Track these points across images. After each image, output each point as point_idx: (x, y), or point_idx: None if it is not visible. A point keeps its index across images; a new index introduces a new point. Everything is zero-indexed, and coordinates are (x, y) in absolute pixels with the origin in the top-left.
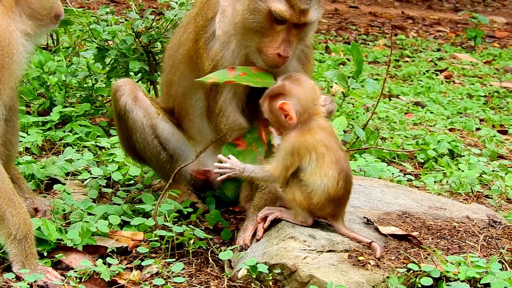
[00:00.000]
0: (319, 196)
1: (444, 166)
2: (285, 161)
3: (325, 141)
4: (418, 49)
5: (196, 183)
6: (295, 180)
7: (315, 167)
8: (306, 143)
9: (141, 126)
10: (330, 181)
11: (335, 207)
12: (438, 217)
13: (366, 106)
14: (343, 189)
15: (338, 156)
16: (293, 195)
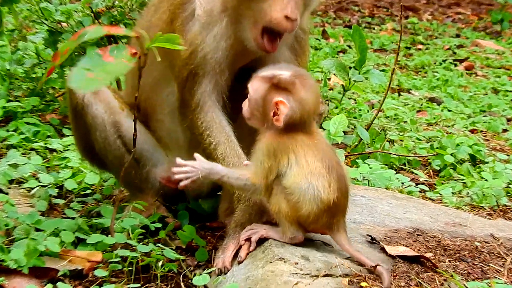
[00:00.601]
0: (308, 204)
1: (464, 174)
2: (263, 164)
3: (306, 140)
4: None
5: (166, 193)
6: (280, 188)
7: (297, 170)
8: (283, 144)
9: (101, 123)
10: (319, 182)
11: (331, 216)
12: (456, 235)
13: (371, 102)
14: (338, 192)
15: (324, 154)
16: (278, 206)
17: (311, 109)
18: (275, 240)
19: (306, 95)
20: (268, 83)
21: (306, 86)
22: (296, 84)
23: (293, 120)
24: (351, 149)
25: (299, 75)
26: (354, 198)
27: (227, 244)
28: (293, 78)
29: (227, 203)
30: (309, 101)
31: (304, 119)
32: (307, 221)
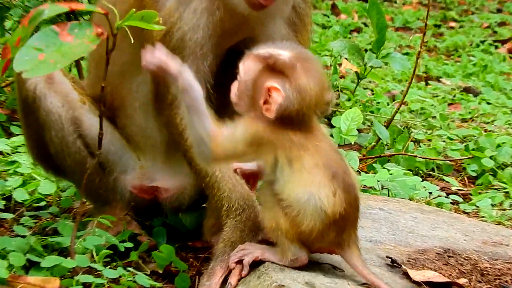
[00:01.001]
0: (310, 219)
1: (506, 182)
2: (237, 143)
3: (303, 140)
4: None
5: (139, 205)
6: (275, 199)
7: (292, 176)
8: (271, 138)
9: (57, 120)
10: (321, 192)
11: (339, 232)
12: (496, 256)
13: (392, 94)
14: (345, 203)
15: (327, 158)
16: (276, 222)
17: (312, 102)
18: (273, 263)
19: (308, 83)
20: (262, 63)
21: (308, 72)
22: (296, 68)
23: (288, 112)
24: (367, 151)
25: (302, 58)
26: (371, 212)
27: (214, 268)
28: (293, 60)
29: (213, 218)
30: (311, 91)
31: (302, 113)
32: (310, 238)
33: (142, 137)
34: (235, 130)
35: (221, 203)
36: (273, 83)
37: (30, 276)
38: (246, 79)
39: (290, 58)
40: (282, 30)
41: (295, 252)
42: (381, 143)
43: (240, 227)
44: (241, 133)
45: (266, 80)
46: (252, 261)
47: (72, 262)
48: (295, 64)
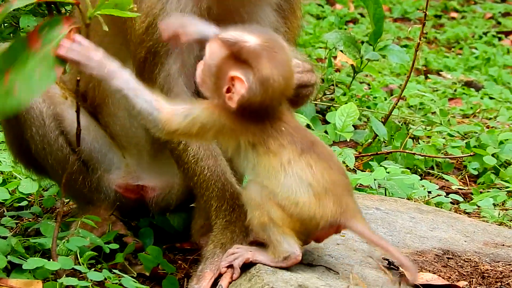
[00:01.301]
0: (299, 195)
1: (509, 181)
2: (192, 125)
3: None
4: None
5: (125, 205)
6: (266, 193)
7: (257, 158)
8: (234, 127)
9: (39, 116)
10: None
11: (336, 199)
12: (498, 258)
13: (389, 88)
14: (325, 170)
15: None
16: (268, 216)
17: (275, 93)
18: (265, 265)
19: (272, 74)
20: (228, 49)
21: (274, 62)
22: (262, 58)
23: (250, 103)
24: (364, 148)
25: (269, 46)
26: (367, 212)
27: (203, 270)
28: (259, 48)
29: (202, 218)
30: (274, 83)
31: (265, 104)
32: (313, 222)
33: (126, 136)
34: (191, 110)
35: (210, 203)
36: (237, 73)
37: (12, 278)
38: (210, 63)
39: (255, 46)
40: (270, 17)
41: (288, 249)
42: (378, 140)
43: (230, 227)
44: (199, 115)
45: (230, 69)
46: (244, 264)
47: (55, 264)
48: (261, 53)
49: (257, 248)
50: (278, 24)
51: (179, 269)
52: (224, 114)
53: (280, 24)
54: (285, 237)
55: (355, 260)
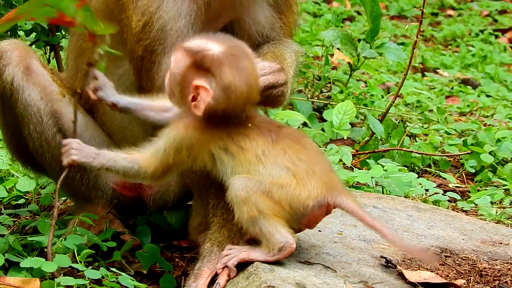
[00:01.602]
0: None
1: (506, 179)
2: (167, 155)
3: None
4: None
5: (122, 202)
6: (251, 183)
7: (233, 160)
8: (201, 140)
9: (36, 113)
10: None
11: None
12: (496, 256)
13: (386, 86)
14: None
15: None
16: (257, 207)
17: (238, 100)
18: (263, 263)
19: (234, 81)
20: (190, 58)
21: (236, 69)
22: (223, 66)
23: (214, 110)
24: (361, 146)
25: (231, 53)
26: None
27: (200, 268)
28: (221, 56)
29: (199, 216)
30: (236, 90)
31: (228, 111)
32: (301, 203)
33: (123, 134)
34: (158, 143)
35: (207, 201)
36: (201, 82)
37: (9, 276)
38: (175, 72)
39: (218, 53)
40: (266, 12)
41: (281, 239)
42: (375, 137)
43: (227, 225)
44: (167, 142)
45: (193, 77)
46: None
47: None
48: (223, 61)
49: (251, 247)
50: (274, 19)
51: (177, 267)
52: (191, 127)
53: (275, 19)
54: (277, 227)
55: (352, 258)
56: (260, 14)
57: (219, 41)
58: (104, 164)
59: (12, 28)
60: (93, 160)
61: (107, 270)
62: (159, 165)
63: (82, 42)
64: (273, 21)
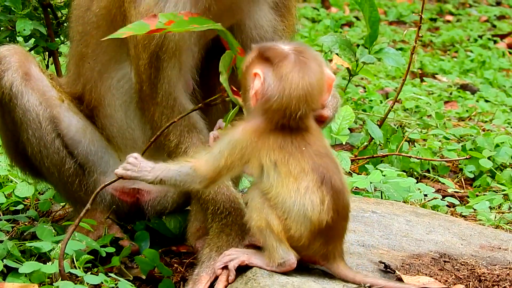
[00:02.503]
0: (296, 223)
1: (505, 184)
2: (221, 157)
3: (292, 141)
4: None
5: (121, 208)
6: (266, 198)
7: (277, 179)
8: (256, 145)
9: (35, 119)
10: (306, 199)
11: (325, 243)
12: (494, 261)
13: (385, 91)
14: (333, 212)
15: (316, 162)
16: (265, 221)
17: (295, 97)
18: (261, 269)
19: (293, 73)
20: (257, 51)
21: (299, 66)
22: (285, 59)
23: (270, 104)
24: (359, 151)
25: (298, 51)
26: (363, 215)
27: (199, 274)
28: (286, 51)
29: (198, 221)
30: (293, 83)
31: (285, 106)
32: (298, 245)
33: (123, 138)
34: (214, 148)
35: (206, 206)
36: (257, 69)
37: (8, 282)
38: (243, 67)
39: (283, 48)
40: (268, 15)
41: (283, 255)
42: (374, 143)
43: (226, 231)
44: (223, 143)
45: (253, 68)
46: (239, 266)
47: (51, 267)
48: (287, 54)
49: (253, 251)
50: (276, 22)
51: (175, 272)
52: (248, 129)
53: (277, 22)
54: (281, 243)
55: (351, 263)
56: (262, 18)
57: (293, 44)
58: (158, 176)
59: (11, 34)
60: (148, 173)
61: (106, 276)
62: (214, 169)
63: (82, 47)
64: (275, 24)
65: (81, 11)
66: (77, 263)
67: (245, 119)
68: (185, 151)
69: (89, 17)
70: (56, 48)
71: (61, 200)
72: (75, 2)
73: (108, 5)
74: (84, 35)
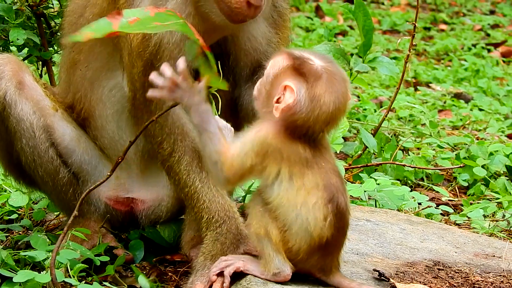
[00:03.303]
0: (296, 237)
1: (499, 192)
2: (247, 159)
3: (310, 156)
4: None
5: (115, 217)
6: (267, 207)
7: (287, 190)
8: (279, 148)
9: (29, 128)
10: (311, 214)
11: (323, 256)
12: (488, 269)
13: (379, 100)
14: (334, 229)
15: (328, 180)
16: (264, 229)
17: (321, 116)
18: (256, 277)
19: (324, 96)
20: (290, 61)
21: (330, 87)
22: (320, 78)
23: (294, 118)
24: (353, 160)
25: (331, 71)
26: (357, 223)
27: (193, 282)
28: (320, 69)
29: (192, 230)
30: (323, 105)
31: (308, 124)
32: (296, 258)
33: (115, 149)
34: (243, 141)
35: (201, 215)
36: (291, 83)
37: None
38: (270, 72)
39: (318, 66)
40: (262, 27)
41: (279, 266)
42: (368, 151)
43: (220, 239)
44: (249, 141)
45: (286, 78)
46: (234, 273)
47: (46, 276)
48: (321, 73)
49: (249, 258)
50: (270, 34)
51: (170, 281)
52: (272, 133)
53: (272, 35)
54: (278, 253)
55: (345, 271)
56: (256, 30)
57: (323, 58)
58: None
59: (5, 43)
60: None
61: (100, 285)
62: (239, 162)
63: (74, 54)
64: (269, 36)
65: (74, 18)
66: (71, 272)
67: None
68: (179, 160)
69: (82, 23)
70: (50, 58)
71: (55, 209)
72: (68, 9)
73: (102, 12)
74: (76, 42)
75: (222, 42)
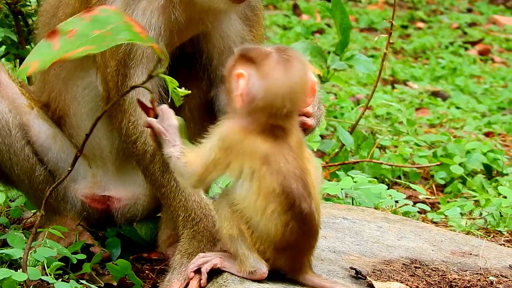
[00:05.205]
0: (260, 239)
1: (476, 190)
2: (211, 153)
3: (269, 151)
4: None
5: (91, 215)
6: (237, 213)
7: (248, 191)
8: (242, 146)
9: (4, 126)
10: (271, 221)
11: (291, 258)
12: (465, 267)
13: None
14: (298, 233)
15: (287, 186)
16: (238, 228)
17: (283, 92)
18: (233, 275)
19: (276, 70)
20: (240, 52)
21: (282, 65)
22: (269, 57)
23: (256, 104)
24: (330, 158)
25: (282, 51)
26: (334, 221)
27: (170, 280)
28: (269, 51)
29: (169, 228)
30: (282, 82)
31: (272, 104)
32: (264, 257)
33: (90, 148)
34: (208, 138)
35: (177, 213)
36: (240, 70)
37: None
38: (226, 70)
39: (267, 50)
40: (236, 25)
41: (254, 264)
42: (345, 149)
43: (197, 237)
44: (213, 136)
45: (237, 68)
46: (211, 270)
47: (23, 275)
48: (269, 54)
49: (227, 255)
50: (244, 32)
51: (147, 279)
52: (235, 127)
53: (245, 33)
54: (252, 253)
55: (322, 269)
56: (229, 27)
57: (277, 46)
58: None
59: None
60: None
61: (77, 283)
62: (204, 164)
63: None
64: (243, 34)
65: (47, 18)
66: (48, 270)
67: (230, 117)
68: (153, 160)
69: (55, 23)
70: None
71: (32, 207)
72: (41, 9)
73: (74, 12)
74: None
75: (196, 40)
